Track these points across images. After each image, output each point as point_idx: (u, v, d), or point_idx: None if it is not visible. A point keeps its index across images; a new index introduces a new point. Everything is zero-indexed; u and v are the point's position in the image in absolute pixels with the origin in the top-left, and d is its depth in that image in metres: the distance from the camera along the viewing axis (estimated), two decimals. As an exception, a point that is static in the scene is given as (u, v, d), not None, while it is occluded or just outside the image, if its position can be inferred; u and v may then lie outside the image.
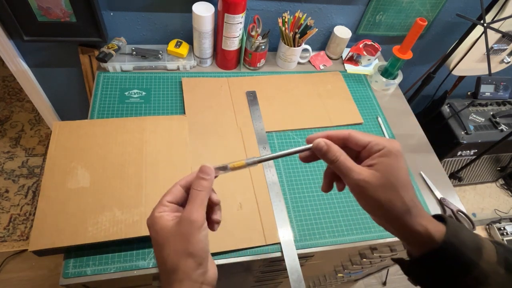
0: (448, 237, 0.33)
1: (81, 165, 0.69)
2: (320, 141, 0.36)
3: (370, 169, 0.34)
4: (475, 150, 1.48)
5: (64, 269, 0.62)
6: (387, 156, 0.34)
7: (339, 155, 0.35)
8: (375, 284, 1.61)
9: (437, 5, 1.09)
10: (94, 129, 0.75)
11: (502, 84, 1.49)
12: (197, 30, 0.89)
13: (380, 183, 0.33)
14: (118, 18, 0.93)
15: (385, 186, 0.33)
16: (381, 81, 1.04)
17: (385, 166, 0.33)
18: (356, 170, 0.34)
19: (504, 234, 1.61)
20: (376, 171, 0.33)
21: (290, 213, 0.76)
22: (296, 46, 0.98)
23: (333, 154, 0.35)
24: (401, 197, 0.33)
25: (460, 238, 0.33)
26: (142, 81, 0.92)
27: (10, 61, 0.99)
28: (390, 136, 0.95)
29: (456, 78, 1.46)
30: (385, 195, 0.33)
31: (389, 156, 0.34)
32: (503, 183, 1.92)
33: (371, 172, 0.34)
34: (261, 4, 0.97)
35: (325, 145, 0.36)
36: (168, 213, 0.35)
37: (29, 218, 1.48)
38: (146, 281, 0.70)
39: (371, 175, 0.33)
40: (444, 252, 0.33)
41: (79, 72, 1.07)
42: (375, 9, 1.05)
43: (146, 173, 0.70)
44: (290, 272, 0.67)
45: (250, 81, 0.98)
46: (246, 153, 0.81)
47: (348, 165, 0.35)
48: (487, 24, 0.98)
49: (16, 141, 1.70)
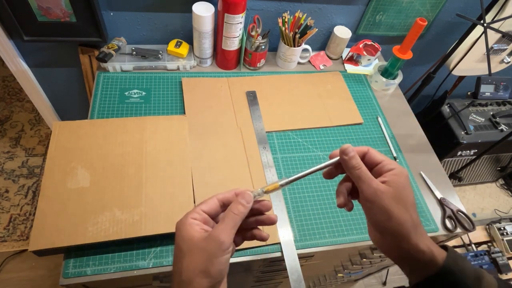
0: (448, 262, 0.35)
1: (81, 165, 0.69)
2: (348, 146, 0.38)
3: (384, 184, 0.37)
4: (475, 150, 1.48)
5: (64, 269, 0.62)
6: (397, 175, 0.37)
7: (361, 164, 0.38)
8: (375, 284, 1.61)
9: (437, 5, 1.09)
10: (94, 129, 0.75)
11: (502, 84, 1.49)
12: (197, 30, 0.89)
13: (393, 196, 0.36)
14: (118, 18, 0.93)
15: (398, 200, 0.36)
16: (381, 81, 1.04)
17: (397, 183, 0.36)
18: (374, 181, 0.37)
19: (504, 234, 1.61)
20: (390, 187, 0.36)
21: (290, 213, 0.76)
22: (296, 46, 0.98)
23: (357, 161, 0.38)
24: (410, 214, 0.36)
25: (460, 265, 0.35)
26: (142, 81, 0.92)
27: (10, 61, 0.99)
28: (390, 136, 0.95)
29: (456, 78, 1.46)
30: (397, 208, 0.36)
31: (399, 176, 0.37)
32: (503, 183, 1.92)
33: (385, 186, 0.36)
34: (261, 4, 0.97)
35: (352, 151, 0.38)
36: (199, 222, 0.35)
37: (29, 218, 1.48)
38: (146, 281, 0.70)
39: (385, 187, 0.36)
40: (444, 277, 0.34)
41: (79, 72, 1.07)
42: (375, 9, 1.05)
43: (146, 173, 0.70)
44: (290, 272, 0.67)
45: (250, 81, 0.98)
46: (246, 153, 0.81)
47: (369, 175, 0.37)
48: (487, 24, 0.98)
49: (16, 141, 1.70)
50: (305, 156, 0.86)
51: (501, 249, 1.56)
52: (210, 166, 0.77)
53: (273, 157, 0.84)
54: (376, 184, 0.36)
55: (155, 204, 0.67)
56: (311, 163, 0.85)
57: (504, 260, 1.50)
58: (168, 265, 0.65)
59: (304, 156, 0.86)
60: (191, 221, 0.35)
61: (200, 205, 0.37)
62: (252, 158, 0.81)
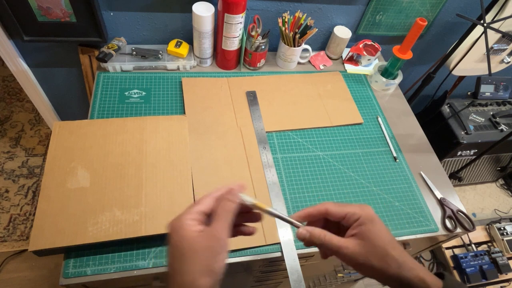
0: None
1: (81, 165, 0.69)
2: (302, 231, 0.38)
3: (355, 239, 0.36)
4: (475, 150, 1.48)
5: (64, 269, 0.62)
6: (364, 224, 0.36)
7: (323, 237, 0.37)
8: (375, 284, 1.61)
9: (437, 5, 1.09)
10: (94, 129, 0.75)
11: (502, 84, 1.49)
12: (197, 30, 0.89)
13: (367, 250, 0.36)
14: (118, 18, 0.93)
15: (372, 251, 0.36)
16: (381, 81, 1.04)
17: (365, 233, 0.36)
18: (343, 245, 0.36)
19: (504, 234, 1.61)
20: (361, 240, 0.36)
21: (290, 213, 0.76)
22: (296, 46, 0.98)
23: (317, 238, 0.38)
24: (391, 255, 0.35)
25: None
26: (142, 81, 0.92)
27: (10, 61, 0.99)
28: (390, 136, 0.95)
29: (456, 78, 1.46)
30: (376, 259, 0.35)
31: (366, 224, 0.36)
32: (503, 183, 1.92)
33: (356, 242, 0.36)
34: (261, 4, 0.97)
35: (307, 233, 0.38)
36: (196, 223, 0.35)
37: (29, 218, 1.48)
38: (146, 281, 0.70)
39: (357, 245, 0.36)
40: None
41: (79, 72, 1.07)
42: (375, 9, 1.05)
43: (146, 173, 0.70)
44: (290, 272, 0.67)
45: (250, 81, 0.98)
46: (246, 153, 0.81)
47: (335, 242, 0.37)
48: (487, 24, 0.99)
49: (16, 141, 1.70)
50: (305, 156, 0.86)
51: (501, 249, 1.56)
52: (210, 166, 0.77)
53: (273, 157, 0.84)
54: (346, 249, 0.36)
55: (155, 204, 0.67)
56: (311, 163, 0.85)
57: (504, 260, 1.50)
58: (168, 265, 0.65)
59: (304, 156, 0.86)
60: (190, 222, 0.35)
61: (197, 206, 0.36)
62: (252, 158, 0.81)
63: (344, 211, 0.38)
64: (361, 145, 0.91)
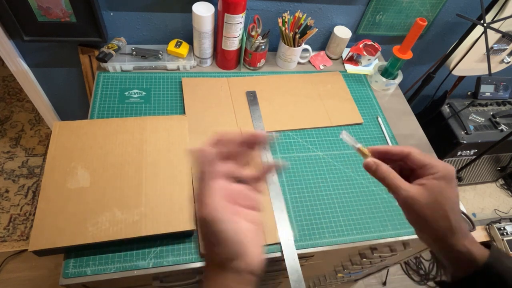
0: (490, 261, 0.34)
1: (81, 165, 0.69)
2: (369, 161, 0.39)
3: (420, 188, 0.36)
4: (475, 150, 1.48)
5: (64, 269, 0.62)
6: (439, 179, 0.36)
7: (387, 174, 0.37)
8: (375, 284, 1.61)
9: (437, 5, 1.09)
10: (94, 129, 0.75)
11: (502, 84, 1.49)
12: (197, 30, 0.89)
13: (427, 201, 0.35)
14: (118, 18, 0.93)
15: (432, 205, 0.35)
16: (381, 81, 1.04)
17: (435, 187, 0.35)
18: (403, 188, 0.36)
19: (504, 234, 1.61)
20: (425, 190, 0.35)
21: (290, 213, 0.76)
22: (296, 46, 0.98)
23: (381, 173, 0.38)
24: (447, 217, 0.35)
25: (504, 264, 0.34)
26: (142, 81, 0.92)
27: (10, 61, 0.99)
28: (390, 136, 0.95)
29: (456, 78, 1.46)
30: (431, 213, 0.35)
31: (442, 180, 0.36)
32: (503, 183, 1.92)
33: (419, 190, 0.36)
34: (261, 4, 0.97)
35: (374, 164, 0.38)
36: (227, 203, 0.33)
37: (29, 218, 1.48)
38: (146, 281, 0.70)
39: (419, 193, 0.35)
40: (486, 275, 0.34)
41: (79, 72, 1.07)
42: (375, 9, 1.05)
43: (146, 173, 0.70)
44: (290, 272, 0.67)
45: (250, 81, 0.98)
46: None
47: (397, 183, 0.37)
48: (487, 24, 0.98)
49: (16, 141, 1.70)
50: (305, 156, 0.86)
51: (501, 249, 1.56)
52: (210, 166, 0.77)
53: (273, 157, 0.84)
54: (405, 191, 0.36)
55: (155, 204, 0.67)
56: (311, 163, 0.85)
57: (504, 260, 1.51)
58: (168, 265, 0.65)
59: (304, 156, 0.86)
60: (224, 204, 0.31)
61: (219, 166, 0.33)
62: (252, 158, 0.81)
63: (426, 161, 0.37)
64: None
